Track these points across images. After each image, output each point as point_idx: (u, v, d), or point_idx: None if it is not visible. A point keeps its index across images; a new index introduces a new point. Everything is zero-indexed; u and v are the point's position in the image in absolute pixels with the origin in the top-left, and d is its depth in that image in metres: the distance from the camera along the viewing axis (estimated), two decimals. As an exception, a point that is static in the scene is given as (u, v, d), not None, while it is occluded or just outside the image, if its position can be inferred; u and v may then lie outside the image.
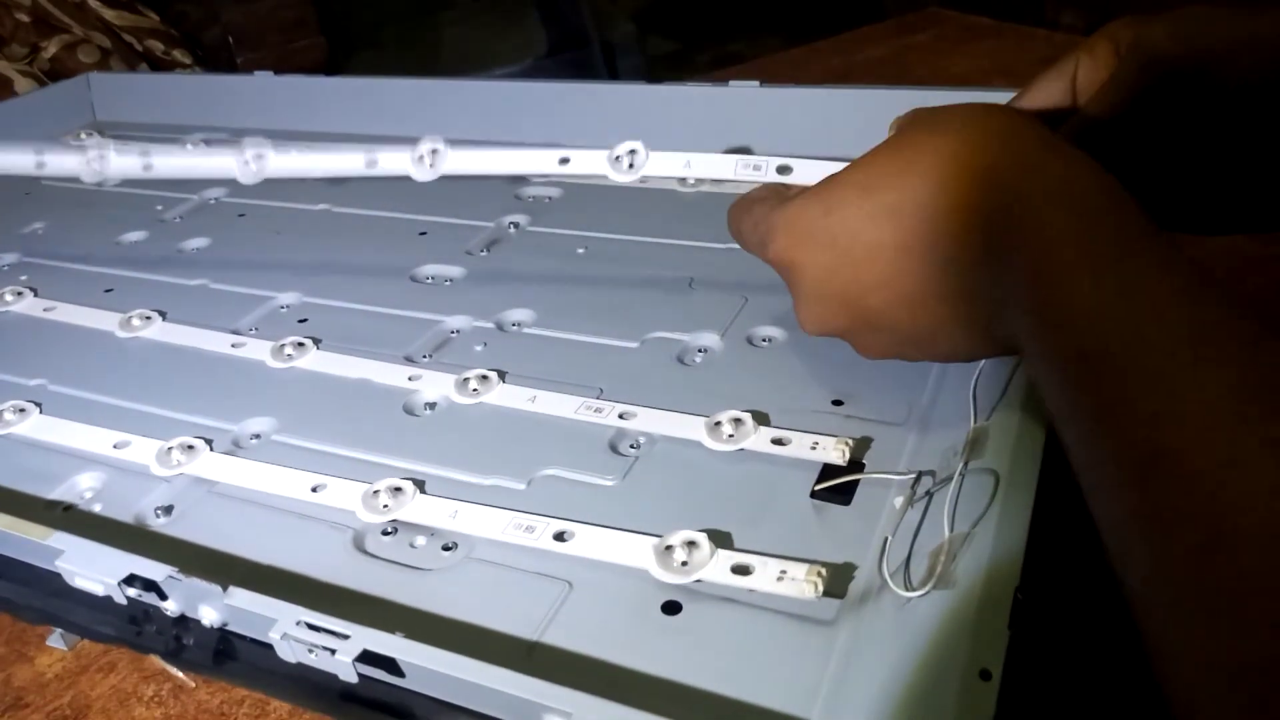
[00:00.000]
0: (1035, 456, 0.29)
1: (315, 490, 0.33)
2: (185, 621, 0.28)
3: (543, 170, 0.42)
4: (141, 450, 0.36)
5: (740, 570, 0.27)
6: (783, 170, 0.37)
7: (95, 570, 0.29)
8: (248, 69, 0.83)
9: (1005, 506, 0.27)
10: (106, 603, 0.29)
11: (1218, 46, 0.30)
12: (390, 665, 0.25)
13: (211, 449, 0.36)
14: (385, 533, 0.31)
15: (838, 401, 0.34)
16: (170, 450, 0.35)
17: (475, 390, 0.37)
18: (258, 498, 0.33)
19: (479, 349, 0.41)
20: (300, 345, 0.41)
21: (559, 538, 0.30)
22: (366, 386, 0.39)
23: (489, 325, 0.42)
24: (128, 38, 1.25)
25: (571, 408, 0.36)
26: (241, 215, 0.57)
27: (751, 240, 0.33)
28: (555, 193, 0.55)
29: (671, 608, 0.27)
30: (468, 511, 0.31)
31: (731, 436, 0.33)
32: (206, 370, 0.42)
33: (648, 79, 0.59)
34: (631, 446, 0.34)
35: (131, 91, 0.77)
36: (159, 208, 0.59)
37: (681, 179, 0.53)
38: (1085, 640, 0.30)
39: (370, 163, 0.41)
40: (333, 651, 0.25)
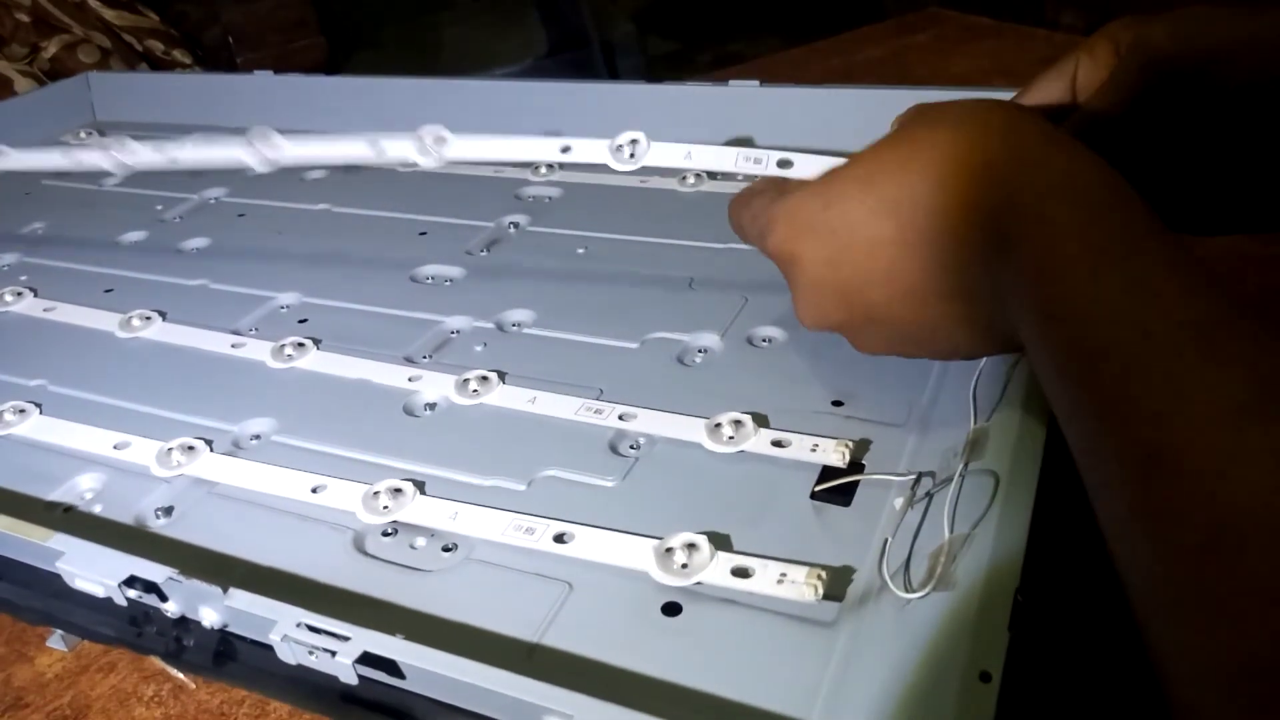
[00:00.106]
0: (1035, 457, 0.29)
1: (315, 491, 0.33)
2: (185, 623, 0.28)
3: (545, 157, 0.42)
4: (141, 451, 0.36)
5: (740, 573, 0.27)
6: (783, 164, 0.37)
7: (95, 572, 0.29)
8: (248, 69, 0.83)
9: (1005, 508, 0.27)
10: (107, 604, 0.29)
11: (1218, 46, 0.30)
12: (390, 667, 0.25)
13: (211, 450, 0.36)
14: (385, 534, 0.31)
15: (838, 402, 0.34)
16: (170, 451, 0.35)
17: (475, 391, 0.37)
18: (258, 499, 0.33)
19: (479, 349, 0.41)
20: (300, 345, 0.41)
21: (559, 539, 0.30)
22: (366, 387, 0.39)
23: (489, 325, 0.42)
24: (128, 38, 1.25)
25: (571, 408, 0.36)
26: (241, 215, 0.57)
27: (751, 232, 0.33)
28: (555, 193, 0.55)
29: (671, 609, 0.27)
30: (468, 513, 0.31)
31: (731, 438, 0.33)
32: (206, 371, 0.42)
33: (648, 79, 0.59)
34: (631, 447, 0.34)
35: (131, 91, 0.77)
36: (159, 208, 0.59)
37: (682, 178, 0.53)
38: (1085, 640, 0.30)
39: (378, 151, 0.41)
40: (333, 653, 0.25)
